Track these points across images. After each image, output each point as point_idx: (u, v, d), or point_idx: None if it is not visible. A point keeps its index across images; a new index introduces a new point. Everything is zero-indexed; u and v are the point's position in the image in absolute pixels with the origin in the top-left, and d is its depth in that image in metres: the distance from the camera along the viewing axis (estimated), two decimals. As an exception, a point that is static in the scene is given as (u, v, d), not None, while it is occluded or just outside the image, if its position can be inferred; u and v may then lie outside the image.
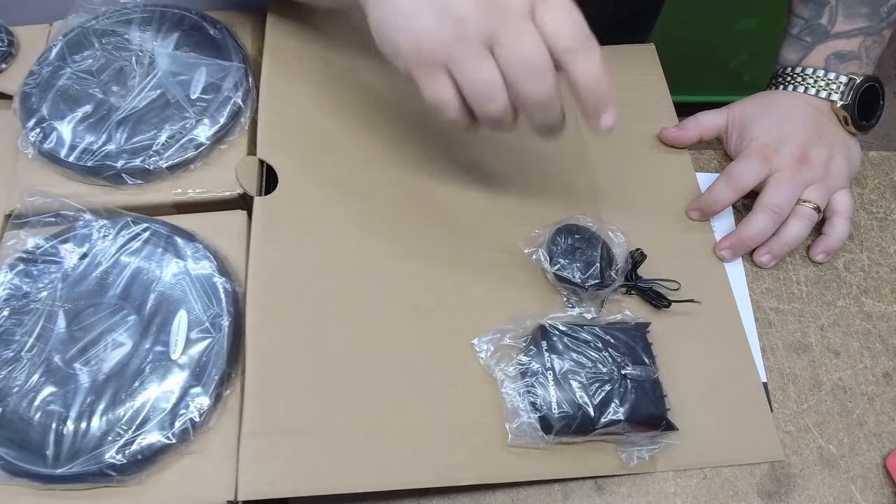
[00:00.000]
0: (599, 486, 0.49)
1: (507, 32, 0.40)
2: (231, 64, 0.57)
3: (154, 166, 0.53)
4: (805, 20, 0.63)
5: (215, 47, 0.58)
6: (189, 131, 0.54)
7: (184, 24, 0.60)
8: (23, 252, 0.50)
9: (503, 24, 0.40)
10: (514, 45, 0.40)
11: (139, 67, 0.57)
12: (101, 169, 0.52)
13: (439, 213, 0.55)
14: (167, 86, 0.56)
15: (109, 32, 0.59)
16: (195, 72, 0.57)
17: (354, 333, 0.48)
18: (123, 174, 0.53)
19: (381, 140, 0.56)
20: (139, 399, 0.45)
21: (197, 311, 0.49)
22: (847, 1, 0.61)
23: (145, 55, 0.57)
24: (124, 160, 0.52)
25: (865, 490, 0.50)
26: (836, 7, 0.61)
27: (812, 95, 0.62)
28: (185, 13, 0.60)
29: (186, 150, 0.53)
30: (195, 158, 0.54)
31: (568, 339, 0.48)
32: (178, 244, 0.51)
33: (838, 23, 0.61)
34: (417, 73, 0.42)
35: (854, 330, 0.57)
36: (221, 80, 0.56)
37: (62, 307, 0.48)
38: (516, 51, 0.40)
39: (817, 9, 0.62)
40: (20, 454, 0.43)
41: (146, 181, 0.53)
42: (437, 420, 0.46)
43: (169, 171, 0.53)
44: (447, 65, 0.41)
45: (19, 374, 0.46)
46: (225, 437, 0.44)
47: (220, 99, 0.55)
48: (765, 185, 0.59)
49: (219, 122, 0.54)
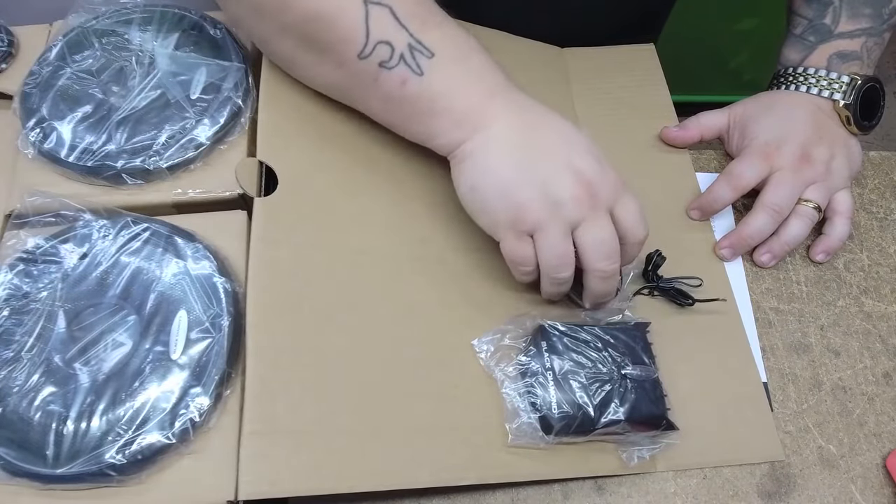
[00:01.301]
0: (599, 486, 0.49)
1: (593, 220, 0.46)
2: (231, 64, 0.57)
3: (154, 166, 0.52)
4: (808, 20, 0.62)
5: (215, 47, 0.58)
6: (189, 131, 0.53)
7: (184, 24, 0.59)
8: (23, 252, 0.50)
9: (591, 212, 0.46)
10: (596, 230, 0.46)
11: (139, 67, 0.56)
12: (101, 169, 0.52)
13: (440, 213, 0.54)
14: (167, 86, 0.55)
15: (109, 32, 0.58)
16: (195, 72, 0.56)
17: (355, 333, 0.48)
18: (123, 174, 0.52)
19: (381, 140, 0.56)
20: (139, 399, 0.45)
21: (197, 311, 0.48)
22: (851, 1, 0.61)
23: (145, 55, 0.57)
24: (124, 160, 0.52)
25: (865, 490, 0.50)
26: (839, 7, 0.61)
27: (814, 95, 0.61)
28: (186, 13, 0.60)
29: (186, 151, 0.53)
30: (195, 158, 0.53)
31: (568, 340, 0.48)
32: (178, 244, 0.51)
33: (842, 23, 0.61)
34: (505, 235, 0.47)
35: (854, 330, 0.57)
36: (221, 81, 0.56)
37: (62, 307, 0.48)
38: (598, 235, 0.46)
39: (821, 8, 0.62)
40: (20, 454, 0.43)
41: (146, 181, 0.53)
42: (437, 420, 0.46)
43: (169, 171, 0.53)
44: (534, 233, 0.46)
45: (19, 374, 0.46)
46: (225, 437, 0.44)
47: (220, 99, 0.55)
48: (765, 185, 0.58)
49: (219, 122, 0.54)
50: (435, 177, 0.56)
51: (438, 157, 0.50)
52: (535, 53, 0.68)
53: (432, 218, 0.54)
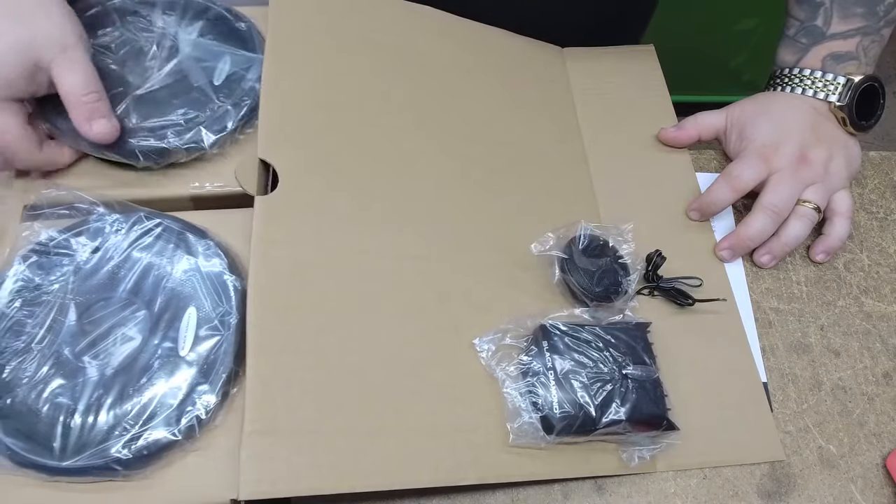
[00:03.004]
0: (599, 486, 0.46)
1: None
2: (256, 56, 0.54)
3: (171, 146, 0.49)
4: (800, 22, 0.59)
5: (240, 39, 0.55)
6: (211, 116, 0.51)
7: (209, 14, 0.56)
8: (36, 244, 0.48)
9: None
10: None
11: (160, 50, 0.53)
12: (116, 146, 0.49)
13: (440, 213, 0.52)
14: (190, 70, 0.52)
15: (132, 12, 0.55)
16: (219, 60, 0.53)
17: (355, 333, 0.45)
18: (138, 152, 0.49)
19: (382, 139, 0.53)
20: (146, 394, 0.43)
21: (206, 308, 0.46)
22: (842, 2, 0.57)
23: (167, 38, 0.54)
24: (140, 138, 0.49)
25: (865, 490, 0.47)
26: (830, 8, 0.58)
27: (810, 97, 0.58)
28: (211, 4, 0.57)
29: (206, 135, 0.50)
30: (214, 144, 0.50)
31: (569, 339, 0.45)
32: (189, 241, 0.48)
33: (834, 24, 0.58)
34: None
35: (854, 330, 0.54)
36: (246, 71, 0.53)
37: (73, 300, 0.46)
38: None
39: (812, 10, 0.58)
40: (27, 445, 0.41)
41: (161, 160, 0.50)
42: (437, 420, 0.43)
43: (186, 152, 0.50)
44: None
45: (29, 366, 0.44)
46: (231, 435, 0.42)
47: (244, 88, 0.52)
48: (764, 186, 0.55)
49: (242, 109, 0.51)
50: (437, 176, 0.53)
51: (439, 156, 0.47)
52: (535, 53, 0.65)
53: (433, 217, 0.51)
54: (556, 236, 0.50)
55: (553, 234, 0.50)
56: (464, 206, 0.53)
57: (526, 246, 0.51)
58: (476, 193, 0.54)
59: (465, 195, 0.53)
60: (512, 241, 0.51)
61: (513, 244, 0.51)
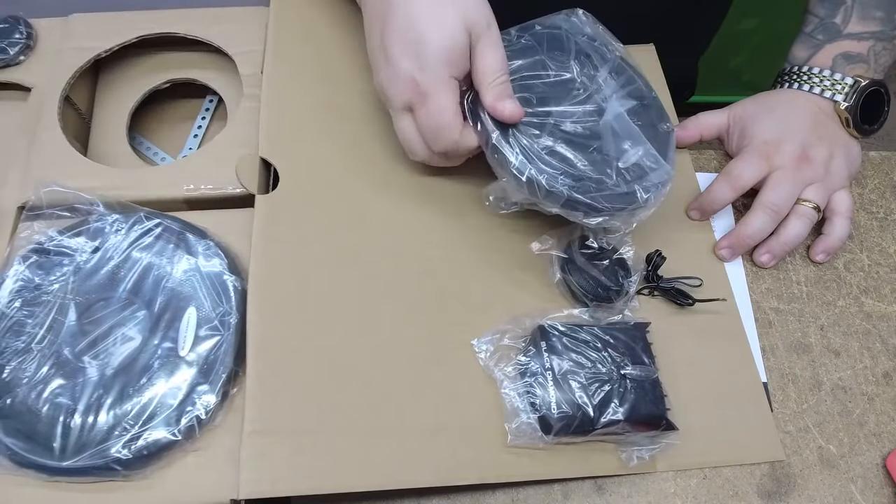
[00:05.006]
0: (599, 486, 0.45)
1: None
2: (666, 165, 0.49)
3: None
4: (820, 18, 0.59)
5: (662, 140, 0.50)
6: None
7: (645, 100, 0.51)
8: (36, 244, 0.48)
9: None
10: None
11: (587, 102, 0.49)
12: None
13: (440, 213, 0.51)
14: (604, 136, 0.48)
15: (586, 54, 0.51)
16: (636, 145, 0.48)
17: (355, 333, 0.45)
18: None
19: (382, 139, 0.53)
20: (146, 395, 0.43)
21: (206, 308, 0.46)
22: (863, 2, 0.57)
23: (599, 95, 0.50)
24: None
25: (865, 490, 0.47)
26: (851, 7, 0.58)
27: (816, 95, 0.57)
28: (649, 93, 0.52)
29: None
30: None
31: (567, 340, 0.45)
32: (189, 241, 0.48)
33: (852, 23, 0.58)
34: None
35: (854, 330, 0.53)
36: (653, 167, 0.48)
37: (73, 300, 0.46)
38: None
39: (833, 7, 0.58)
40: (27, 445, 0.41)
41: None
42: (436, 420, 0.43)
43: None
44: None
45: (29, 366, 0.43)
46: (231, 435, 0.42)
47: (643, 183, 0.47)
48: (764, 184, 0.55)
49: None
50: (437, 175, 0.52)
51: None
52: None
53: (433, 217, 0.51)
54: (556, 236, 0.50)
55: (553, 233, 0.50)
56: (464, 206, 0.52)
57: (526, 246, 0.50)
58: (475, 192, 0.53)
59: (464, 194, 0.53)
60: (511, 241, 0.51)
61: (513, 244, 0.51)
